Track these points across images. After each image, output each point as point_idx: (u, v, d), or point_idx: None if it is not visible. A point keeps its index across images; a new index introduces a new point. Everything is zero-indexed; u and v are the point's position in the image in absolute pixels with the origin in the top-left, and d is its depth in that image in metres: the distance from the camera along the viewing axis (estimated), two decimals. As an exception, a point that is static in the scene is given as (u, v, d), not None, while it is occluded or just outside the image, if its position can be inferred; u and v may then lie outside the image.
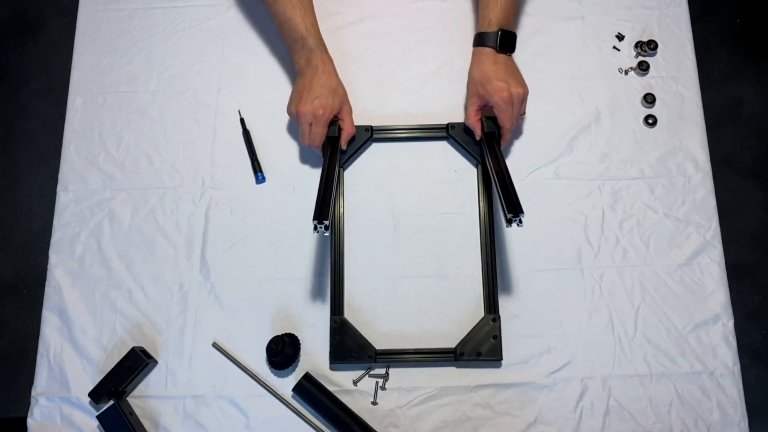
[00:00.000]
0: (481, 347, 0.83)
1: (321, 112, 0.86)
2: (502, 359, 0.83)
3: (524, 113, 0.91)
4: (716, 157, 0.97)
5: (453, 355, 0.84)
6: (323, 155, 0.88)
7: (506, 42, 0.88)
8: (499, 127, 0.91)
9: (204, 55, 1.00)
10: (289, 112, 0.89)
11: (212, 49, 1.00)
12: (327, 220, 0.73)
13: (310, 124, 0.87)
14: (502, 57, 0.88)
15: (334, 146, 0.89)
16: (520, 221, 0.72)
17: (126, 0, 1.03)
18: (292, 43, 0.90)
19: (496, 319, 0.84)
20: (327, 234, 0.77)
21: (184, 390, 0.85)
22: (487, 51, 0.88)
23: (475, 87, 0.88)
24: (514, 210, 0.72)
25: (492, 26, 0.87)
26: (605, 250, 0.89)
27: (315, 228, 0.73)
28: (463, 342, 0.84)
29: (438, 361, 0.85)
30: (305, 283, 0.89)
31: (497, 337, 0.84)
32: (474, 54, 0.90)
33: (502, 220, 0.80)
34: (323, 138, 0.88)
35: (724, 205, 1.23)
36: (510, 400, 0.83)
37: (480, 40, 0.89)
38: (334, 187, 0.81)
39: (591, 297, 0.87)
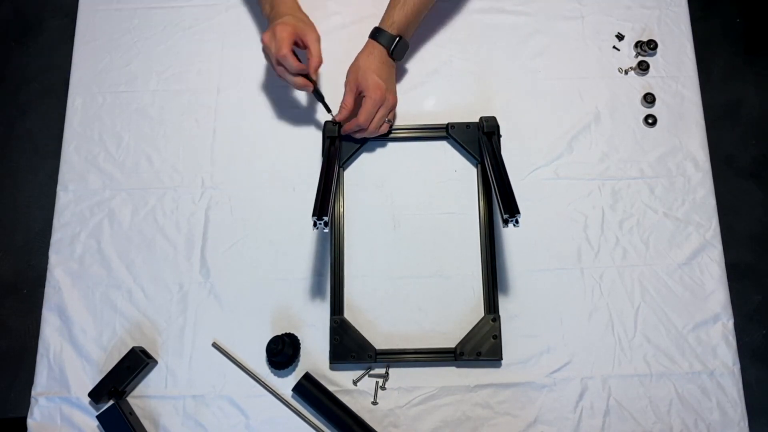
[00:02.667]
0: (481, 347, 0.83)
1: (279, 29, 0.84)
2: (502, 359, 0.83)
3: (391, 123, 0.93)
4: (716, 157, 0.97)
5: (453, 355, 0.84)
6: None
7: (400, 49, 0.91)
8: (498, 127, 0.91)
9: (204, 55, 1.00)
10: (263, 49, 0.87)
11: (212, 49, 1.00)
12: (326, 216, 0.73)
13: (275, 53, 0.84)
14: (390, 61, 0.91)
15: (334, 145, 0.89)
16: (517, 221, 0.71)
17: (126, 0, 1.03)
18: None
19: (496, 319, 0.84)
20: (326, 230, 0.76)
21: (184, 390, 0.85)
22: (380, 48, 0.90)
23: (356, 75, 0.89)
24: (511, 210, 0.72)
25: (393, 29, 0.90)
26: (605, 250, 0.89)
27: (314, 224, 0.73)
28: (463, 342, 0.84)
29: (438, 361, 0.85)
30: (305, 283, 0.89)
31: (497, 337, 0.84)
32: (367, 45, 0.92)
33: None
34: (285, 57, 0.83)
35: (724, 205, 1.23)
36: (510, 400, 0.83)
37: (377, 34, 0.91)
38: (334, 183, 0.81)
39: (591, 297, 0.87)
